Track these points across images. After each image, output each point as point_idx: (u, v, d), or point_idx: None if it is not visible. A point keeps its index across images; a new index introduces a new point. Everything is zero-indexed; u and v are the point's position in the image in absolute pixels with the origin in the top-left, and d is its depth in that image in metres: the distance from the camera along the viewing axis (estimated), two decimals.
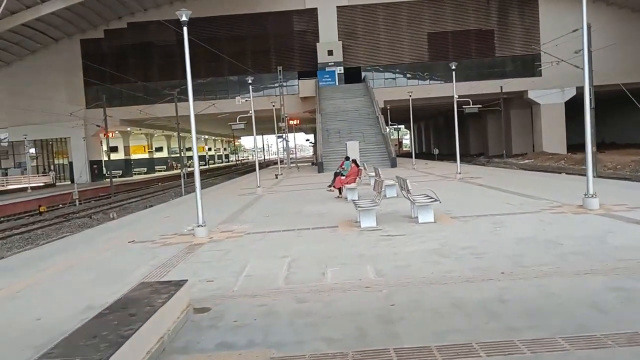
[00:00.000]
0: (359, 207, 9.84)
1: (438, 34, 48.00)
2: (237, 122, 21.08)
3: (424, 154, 71.98)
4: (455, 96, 19.52)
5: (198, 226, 10.10)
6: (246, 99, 20.86)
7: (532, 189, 14.21)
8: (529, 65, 45.82)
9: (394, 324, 4.25)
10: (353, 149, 25.57)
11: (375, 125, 36.41)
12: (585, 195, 10.12)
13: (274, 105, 31.44)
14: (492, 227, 8.80)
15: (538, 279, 5.37)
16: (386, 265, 6.55)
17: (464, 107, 21.59)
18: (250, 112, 19.66)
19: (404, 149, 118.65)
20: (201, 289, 6.04)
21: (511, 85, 45.63)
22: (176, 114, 37.02)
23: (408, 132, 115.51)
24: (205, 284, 6.30)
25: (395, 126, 40.52)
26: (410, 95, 31.22)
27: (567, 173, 29.84)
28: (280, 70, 42.15)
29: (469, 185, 16.95)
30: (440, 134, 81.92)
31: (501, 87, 44.97)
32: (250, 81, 19.94)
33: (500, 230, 8.43)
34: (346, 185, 14.92)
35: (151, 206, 24.20)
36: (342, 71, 47.12)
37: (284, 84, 45.90)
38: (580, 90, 44.49)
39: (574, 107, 46.78)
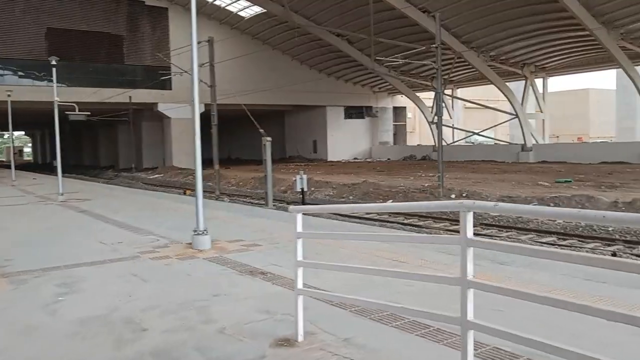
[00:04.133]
0: None
1: (61, 31, 42.10)
2: None
3: (47, 165, 63.38)
4: (57, 99, 15.80)
5: None
6: None
7: (145, 217, 11.77)
8: (160, 77, 44.41)
9: None
10: None
11: None
12: (194, 231, 8.08)
13: None
14: (56, 293, 5.77)
15: None
16: None
17: (67, 113, 17.95)
18: None
19: (27, 158, 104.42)
20: None
21: (141, 95, 43.35)
22: None
23: (31, 139, 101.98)
24: None
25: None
26: (9, 96, 25.48)
27: (191, 190, 29.06)
28: None
29: (68, 211, 13.46)
30: (66, 144, 73.89)
31: (130, 97, 42.16)
32: None
33: (64, 302, 5.47)
34: None
35: None
36: None
37: None
38: (208, 107, 45.53)
39: (203, 123, 47.53)
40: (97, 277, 6.43)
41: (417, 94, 48.61)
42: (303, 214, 4.13)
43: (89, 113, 19.33)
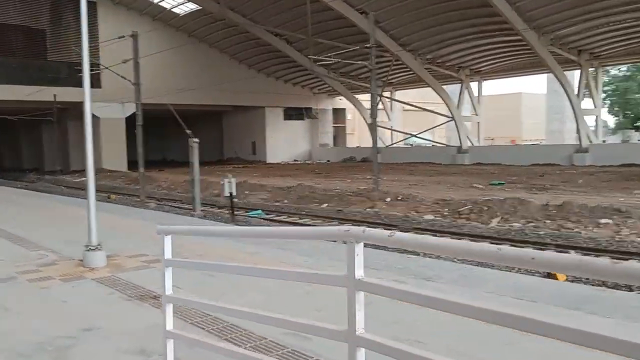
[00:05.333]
0: None
1: None
2: None
3: None
4: None
5: None
6: None
7: (43, 228, 10.53)
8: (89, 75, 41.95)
9: None
10: None
11: None
12: (86, 247, 7.04)
13: None
14: None
15: None
16: None
17: None
18: None
19: None
20: None
21: (68, 94, 40.84)
22: None
23: None
24: None
25: None
26: None
27: (116, 194, 27.53)
28: None
29: None
30: None
31: (55, 95, 39.67)
32: None
33: None
34: None
35: None
36: None
37: None
38: (140, 107, 43.47)
39: (135, 123, 45.49)
40: None
41: (357, 96, 48.44)
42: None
43: None
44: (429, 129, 44.78)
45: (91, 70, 24.53)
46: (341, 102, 53.97)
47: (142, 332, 4.46)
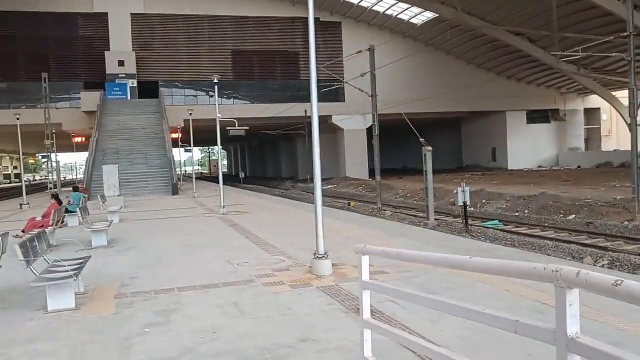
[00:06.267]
0: None
1: (243, 52, 45.54)
2: None
3: (234, 177, 68.95)
4: (219, 116, 16.43)
5: None
6: None
7: (286, 234, 11.45)
8: (333, 90, 45.30)
9: None
10: (111, 175, 21.20)
11: (162, 146, 32.24)
12: (315, 255, 7.37)
13: (18, 119, 25.30)
14: (147, 324, 5.42)
15: None
16: None
17: (228, 128, 18.70)
18: None
19: (224, 170, 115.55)
20: None
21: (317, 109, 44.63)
22: None
23: (227, 153, 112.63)
24: None
25: (187, 147, 36.16)
26: (190, 114, 27.84)
27: (356, 201, 28.74)
28: (45, 79, 35.67)
29: (220, 225, 13.77)
30: (254, 157, 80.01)
31: (305, 111, 43.67)
32: None
33: (147, 336, 5.05)
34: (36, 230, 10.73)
35: None
36: (136, 85, 42.12)
37: (68, 95, 40.58)
38: (379, 117, 45.13)
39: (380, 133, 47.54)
40: (198, 305, 6.01)
41: (614, 93, 42.80)
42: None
43: (247, 128, 19.95)
44: None
45: (333, 86, 26.15)
46: (595, 101, 48.35)
47: (354, 350, 4.38)
